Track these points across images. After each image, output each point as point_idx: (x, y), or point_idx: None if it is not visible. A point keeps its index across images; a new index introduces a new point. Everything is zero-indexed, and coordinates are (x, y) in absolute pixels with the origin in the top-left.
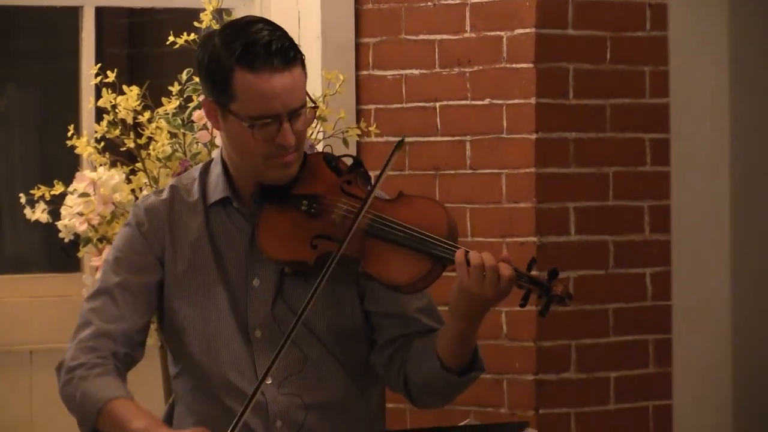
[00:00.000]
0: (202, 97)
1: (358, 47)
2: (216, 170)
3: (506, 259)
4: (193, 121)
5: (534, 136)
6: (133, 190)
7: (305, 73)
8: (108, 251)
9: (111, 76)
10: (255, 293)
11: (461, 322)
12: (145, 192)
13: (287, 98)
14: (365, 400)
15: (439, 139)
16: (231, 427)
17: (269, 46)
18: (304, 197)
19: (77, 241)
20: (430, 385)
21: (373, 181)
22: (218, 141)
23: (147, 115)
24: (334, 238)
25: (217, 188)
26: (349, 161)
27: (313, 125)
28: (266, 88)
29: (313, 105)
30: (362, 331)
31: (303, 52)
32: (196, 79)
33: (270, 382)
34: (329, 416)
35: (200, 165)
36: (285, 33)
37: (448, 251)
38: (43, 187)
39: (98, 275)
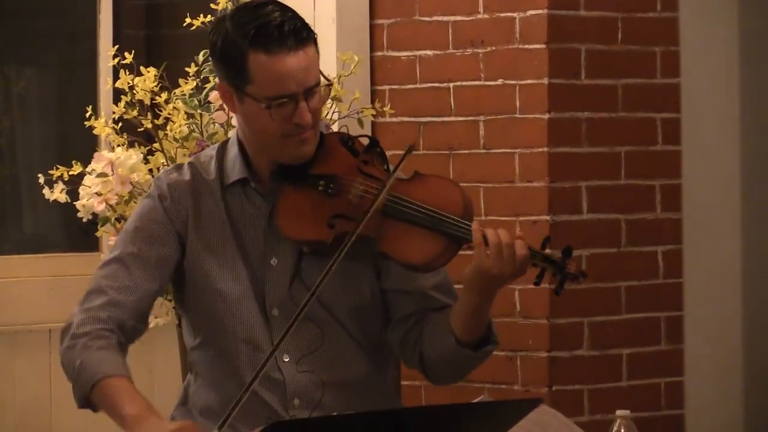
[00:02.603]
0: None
1: (373, 29)
2: (233, 151)
3: (520, 237)
4: (209, 102)
5: (546, 116)
6: (150, 170)
7: (318, 52)
8: (129, 218)
9: (128, 58)
10: (273, 272)
11: (475, 297)
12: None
13: (302, 77)
14: (381, 378)
15: (452, 119)
16: (236, 401)
17: (282, 27)
18: (321, 177)
19: (95, 220)
20: (445, 360)
21: (389, 162)
22: (234, 122)
23: (164, 96)
24: (352, 217)
25: (234, 169)
26: (365, 141)
27: (329, 105)
28: (281, 69)
29: (328, 83)
30: (379, 309)
31: (315, 31)
32: None
33: (288, 359)
34: (346, 394)
35: (216, 144)
36: (296, 13)
37: (463, 230)
38: (61, 168)
39: (114, 242)
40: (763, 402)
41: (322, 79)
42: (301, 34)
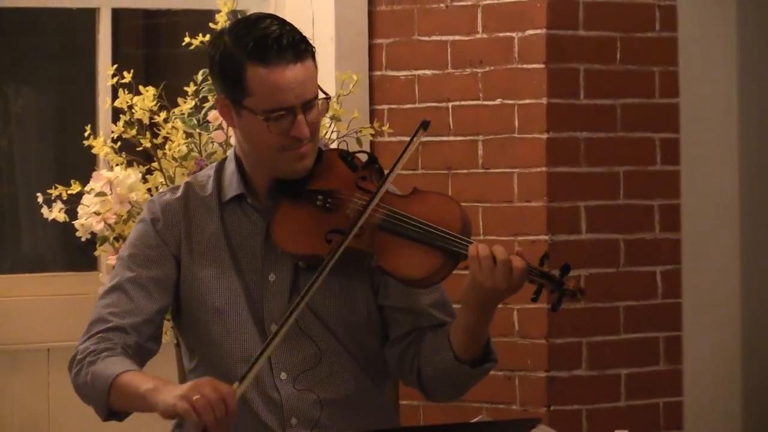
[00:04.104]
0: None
1: (372, 48)
2: (230, 168)
3: (519, 253)
4: (208, 121)
5: (545, 136)
6: (149, 190)
7: (316, 66)
8: (124, 244)
9: (127, 77)
10: (271, 288)
11: (473, 314)
12: (161, 190)
13: (301, 90)
14: (379, 395)
15: (451, 138)
16: (240, 379)
17: (280, 40)
18: (319, 192)
19: (94, 240)
20: (443, 377)
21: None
22: (233, 141)
23: (163, 115)
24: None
25: (231, 185)
26: (364, 158)
27: (327, 125)
28: (280, 82)
29: (326, 96)
30: (376, 325)
31: (313, 45)
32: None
33: (285, 377)
34: (344, 411)
35: (215, 163)
36: (294, 27)
37: (461, 246)
38: (60, 187)
39: (112, 271)
40: (762, 422)
41: (320, 93)
42: (300, 47)
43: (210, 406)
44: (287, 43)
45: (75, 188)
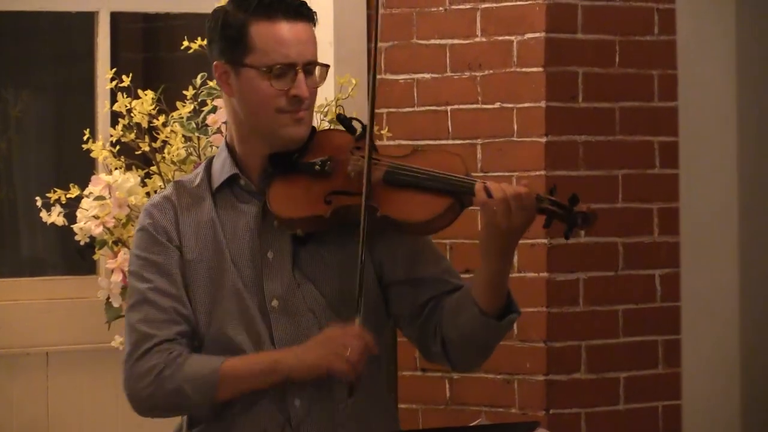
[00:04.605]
0: (217, 102)
1: (370, 52)
2: (221, 157)
3: (525, 185)
4: (207, 125)
5: (544, 140)
6: (148, 193)
7: (315, 34)
8: (129, 260)
9: (126, 81)
10: (270, 265)
11: (495, 261)
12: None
13: (303, 48)
14: (377, 381)
15: (450, 142)
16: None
17: (283, 0)
18: (316, 160)
19: (93, 243)
20: (469, 338)
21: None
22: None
23: (162, 119)
24: (350, 191)
25: (223, 170)
26: (358, 126)
27: (326, 127)
28: (283, 35)
29: (325, 65)
30: (377, 299)
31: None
32: (211, 84)
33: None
34: (343, 399)
35: (204, 162)
36: None
37: (466, 185)
38: (59, 191)
39: (113, 281)
40: (761, 425)
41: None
42: (302, 9)
43: (361, 354)
44: (290, 3)
45: (74, 192)
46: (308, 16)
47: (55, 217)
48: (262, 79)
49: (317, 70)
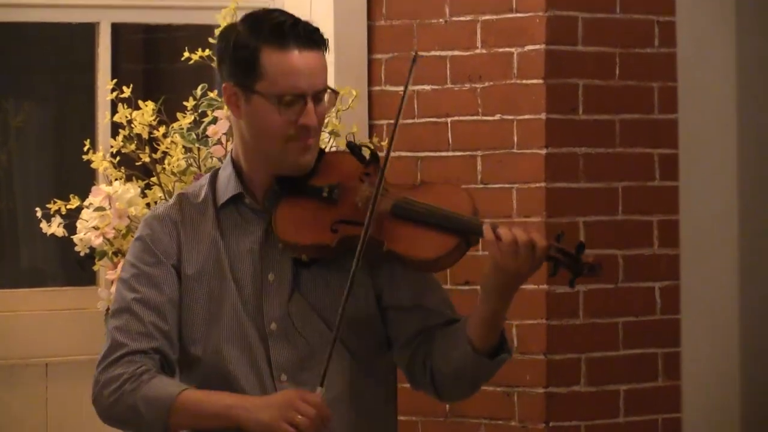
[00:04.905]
0: (217, 113)
1: (371, 63)
2: (226, 172)
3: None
4: (207, 136)
5: (544, 151)
6: (148, 204)
7: (326, 61)
8: (122, 266)
9: (127, 92)
10: (270, 287)
11: (494, 299)
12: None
13: (313, 78)
14: (379, 398)
15: (450, 154)
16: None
17: (296, 27)
18: (324, 186)
19: (93, 254)
20: (459, 374)
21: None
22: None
23: (162, 129)
24: (357, 221)
25: (228, 187)
26: (366, 152)
27: (326, 140)
28: (294, 65)
29: (334, 91)
30: (376, 323)
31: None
32: (211, 95)
33: (285, 379)
34: (341, 411)
35: (208, 174)
36: (307, 21)
37: (475, 226)
38: (59, 201)
39: (113, 291)
40: None
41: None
42: (314, 36)
43: (313, 425)
44: (303, 30)
45: (74, 203)
46: (320, 43)
47: (55, 227)
48: (272, 108)
49: (326, 96)
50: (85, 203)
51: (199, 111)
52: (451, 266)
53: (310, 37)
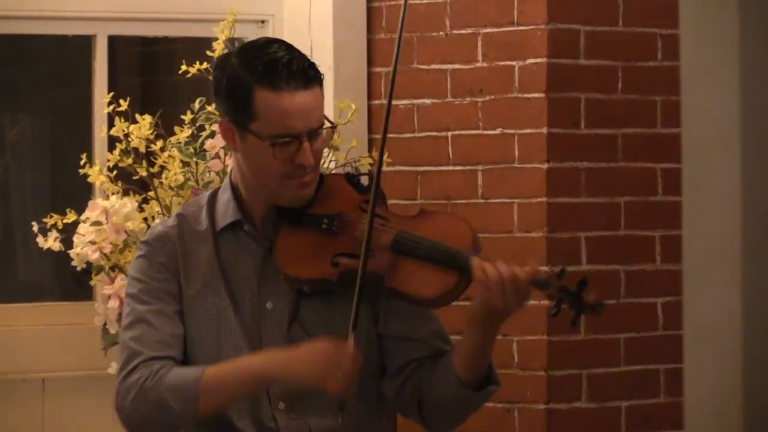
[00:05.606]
0: (215, 127)
1: (370, 76)
2: (225, 196)
3: (518, 271)
4: (205, 150)
5: (545, 166)
6: (145, 219)
7: (323, 94)
8: (127, 285)
9: (123, 105)
10: (269, 316)
11: (480, 333)
12: (157, 220)
13: (308, 118)
14: (374, 425)
15: (450, 168)
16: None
17: (290, 65)
18: (324, 216)
19: (89, 269)
20: (445, 405)
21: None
22: (230, 168)
23: (159, 143)
24: (357, 255)
25: (227, 213)
26: (365, 181)
27: (326, 154)
28: (288, 107)
29: (331, 125)
30: (373, 350)
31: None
32: (209, 108)
33: (283, 407)
34: None
35: (207, 193)
36: (302, 53)
37: (464, 263)
38: (55, 216)
39: (110, 306)
40: None
41: (325, 122)
42: (309, 74)
43: (353, 376)
44: (297, 69)
45: (70, 217)
46: (315, 80)
47: (51, 242)
48: (267, 148)
49: (324, 131)
50: (82, 218)
51: (197, 125)
52: (453, 301)
53: (305, 74)
